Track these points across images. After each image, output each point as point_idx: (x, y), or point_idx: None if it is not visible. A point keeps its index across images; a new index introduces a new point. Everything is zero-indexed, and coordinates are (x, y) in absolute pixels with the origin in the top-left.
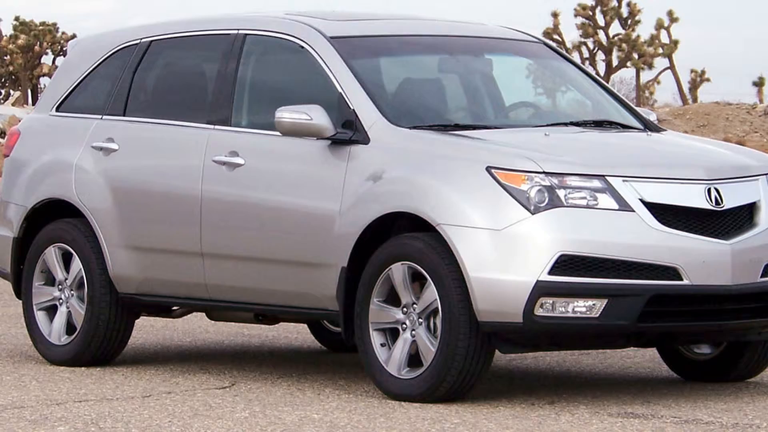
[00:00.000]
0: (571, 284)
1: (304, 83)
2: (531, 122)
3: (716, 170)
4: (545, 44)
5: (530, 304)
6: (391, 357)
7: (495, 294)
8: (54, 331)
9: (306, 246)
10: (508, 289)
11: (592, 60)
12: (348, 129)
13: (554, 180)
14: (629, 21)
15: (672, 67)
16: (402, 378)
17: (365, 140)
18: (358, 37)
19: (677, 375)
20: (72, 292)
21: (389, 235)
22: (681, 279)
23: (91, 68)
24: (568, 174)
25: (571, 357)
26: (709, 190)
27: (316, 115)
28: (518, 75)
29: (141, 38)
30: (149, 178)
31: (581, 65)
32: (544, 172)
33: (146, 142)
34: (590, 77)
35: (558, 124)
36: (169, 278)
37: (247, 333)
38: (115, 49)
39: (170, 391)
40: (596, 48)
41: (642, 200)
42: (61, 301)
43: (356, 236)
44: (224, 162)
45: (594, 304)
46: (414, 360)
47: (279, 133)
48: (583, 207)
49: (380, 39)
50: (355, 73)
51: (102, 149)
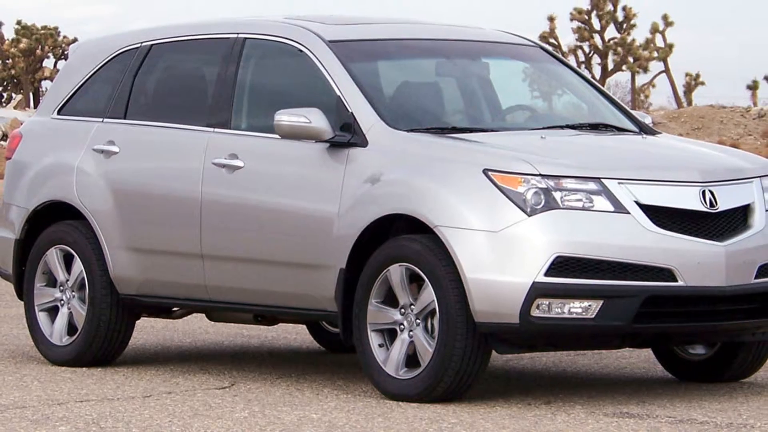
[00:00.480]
0: (567, 285)
1: (303, 86)
2: (527, 125)
3: (711, 173)
4: (541, 48)
5: (527, 305)
6: (389, 357)
7: (492, 295)
8: (55, 332)
9: (305, 248)
10: (505, 290)
11: (588, 63)
12: (346, 132)
13: (550, 182)
14: (625, 25)
15: (667, 71)
16: (400, 378)
17: (363, 143)
18: (357, 41)
19: (672, 375)
20: (73, 294)
21: (387, 237)
22: (676, 280)
23: (93, 72)
24: (564, 176)
25: (567, 357)
26: (704, 193)
27: (315, 118)
28: (515, 78)
29: (141, 42)
30: (150, 181)
31: (577, 69)
32: (541, 175)
33: (147, 145)
34: (586, 80)
35: (554, 127)
36: (170, 279)
37: (247, 334)
38: (116, 53)
39: (170, 391)
40: (592, 51)
41: (637, 202)
42: (63, 303)
43: (354, 238)
44: (224, 164)
45: (590, 305)
46: (411, 360)
47: (278, 136)
48: (579, 209)
49: (378, 43)
50: (354, 77)
51: (103, 152)
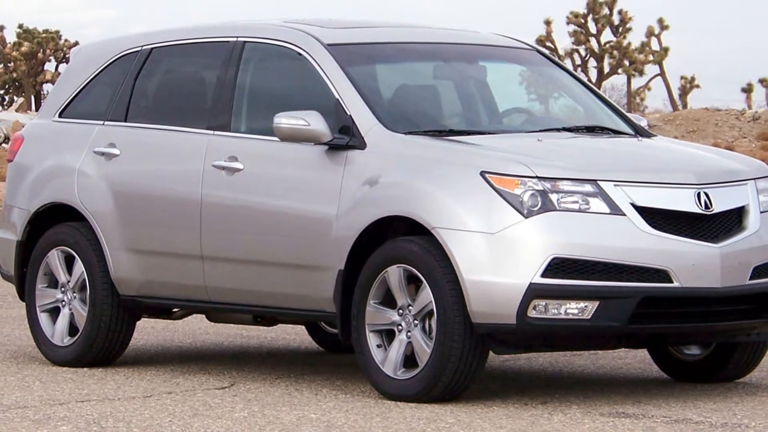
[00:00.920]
0: (564, 286)
1: (302, 89)
2: (524, 128)
3: (706, 175)
4: (538, 51)
5: (523, 306)
6: (387, 358)
7: (489, 296)
8: (57, 333)
9: (304, 249)
10: (502, 292)
11: (584, 67)
12: (345, 134)
13: (547, 184)
14: (620, 29)
15: (662, 74)
16: (398, 378)
17: (362, 145)
18: (355, 45)
19: (667, 375)
20: (74, 295)
21: (385, 239)
22: (671, 281)
23: (93, 75)
24: (561, 179)
25: (564, 358)
26: (699, 195)
27: (314, 121)
28: (512, 81)
29: (142, 45)
30: (150, 183)
31: (573, 72)
32: (537, 177)
33: (147, 148)
34: (582, 84)
35: (551, 130)
36: (170, 281)
37: (246, 334)
38: (117, 56)
39: (171, 392)
40: (588, 55)
41: (633, 204)
42: (64, 303)
43: (353, 239)
44: (224, 167)
45: (586, 306)
46: (409, 361)
47: (277, 139)
48: (576, 211)
49: (376, 46)
50: (352, 80)
51: (104, 154)
